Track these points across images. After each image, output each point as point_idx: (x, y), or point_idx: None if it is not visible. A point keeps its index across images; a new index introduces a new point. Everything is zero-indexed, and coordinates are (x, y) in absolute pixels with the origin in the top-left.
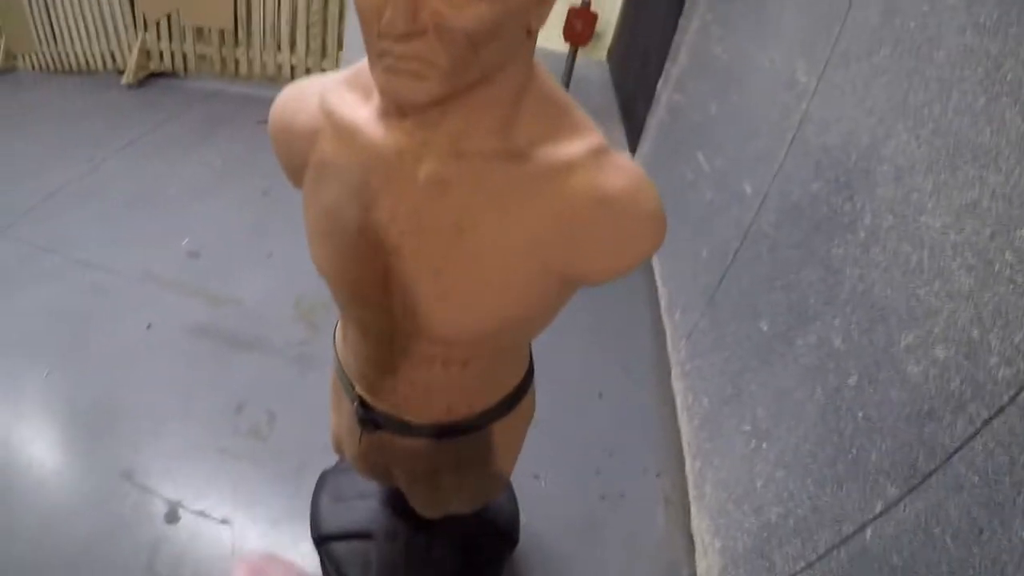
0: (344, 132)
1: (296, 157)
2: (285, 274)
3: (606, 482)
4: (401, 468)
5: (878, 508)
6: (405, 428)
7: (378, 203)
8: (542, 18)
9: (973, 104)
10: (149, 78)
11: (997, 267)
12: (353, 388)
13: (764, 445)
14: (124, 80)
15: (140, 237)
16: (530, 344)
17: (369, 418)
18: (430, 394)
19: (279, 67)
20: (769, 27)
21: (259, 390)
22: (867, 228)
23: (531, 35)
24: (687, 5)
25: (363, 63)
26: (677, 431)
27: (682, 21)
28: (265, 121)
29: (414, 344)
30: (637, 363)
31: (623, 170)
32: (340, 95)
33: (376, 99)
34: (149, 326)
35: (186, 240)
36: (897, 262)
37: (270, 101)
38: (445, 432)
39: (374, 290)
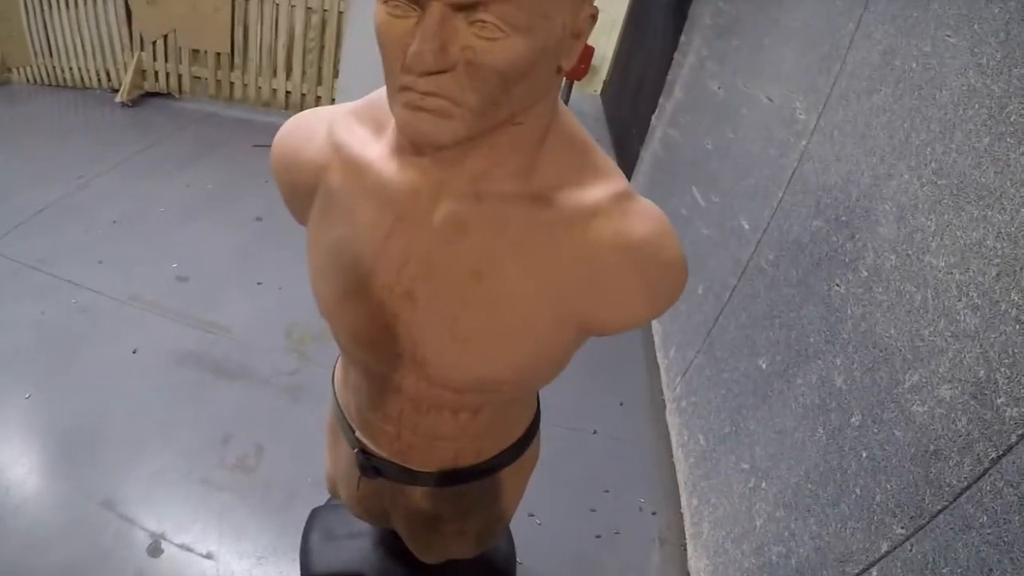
0: (354, 168)
1: (300, 191)
2: (275, 302)
3: (601, 520)
4: (401, 514)
5: (884, 548)
6: (408, 476)
7: (389, 245)
8: (573, 55)
9: (976, 144)
10: (143, 97)
11: (1003, 307)
12: (353, 432)
13: (764, 484)
14: (118, 98)
15: (128, 258)
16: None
17: (370, 465)
18: (437, 442)
19: (274, 92)
20: (767, 65)
21: (247, 420)
22: (869, 267)
23: (560, 73)
24: (682, 40)
25: (374, 95)
26: (672, 468)
27: (677, 56)
28: (262, 145)
29: (423, 392)
30: (631, 399)
31: (647, 216)
32: (350, 128)
33: (389, 134)
34: (135, 351)
35: (175, 264)
36: (901, 302)
37: (264, 125)
38: (450, 480)
39: (381, 335)
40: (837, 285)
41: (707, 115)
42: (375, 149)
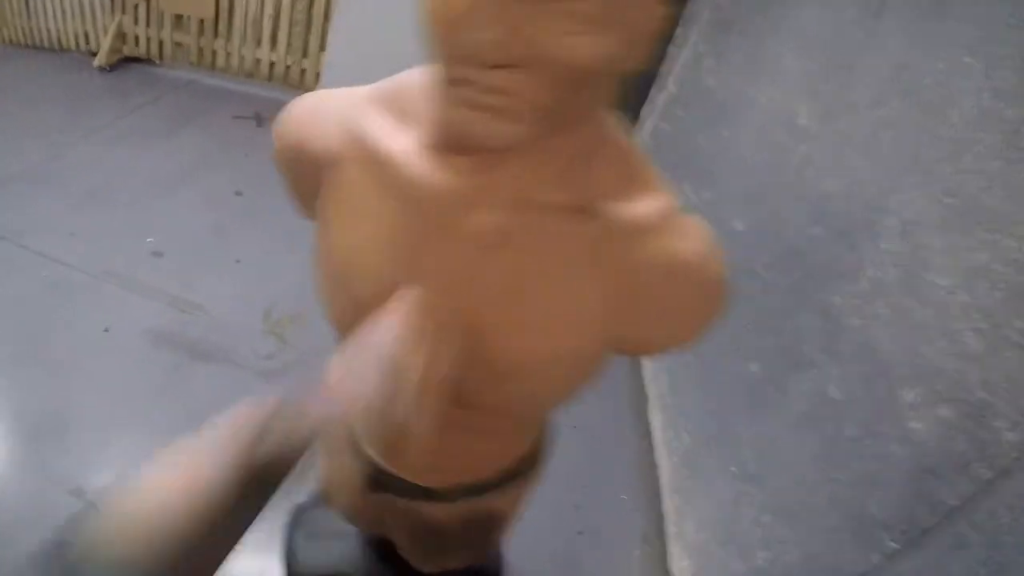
0: (377, 165)
1: (307, 183)
2: (254, 282)
3: (584, 517)
4: (404, 525)
5: (875, 560)
6: (417, 491)
7: (416, 254)
8: (642, 57)
9: (988, 168)
10: (122, 62)
11: (1007, 332)
12: (359, 446)
13: (751, 488)
14: (96, 62)
15: (102, 231)
16: None
17: (379, 480)
18: (451, 459)
19: (257, 62)
20: (768, 66)
21: (222, 405)
22: (870, 280)
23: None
24: (678, 33)
25: (395, 80)
26: (654, 466)
27: (672, 49)
28: (243, 117)
29: (445, 411)
30: (611, 394)
31: (696, 235)
32: (370, 117)
33: (418, 127)
34: (106, 329)
35: (150, 239)
36: (901, 317)
37: (246, 96)
38: (466, 495)
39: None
40: (835, 295)
41: (701, 111)
42: (402, 144)
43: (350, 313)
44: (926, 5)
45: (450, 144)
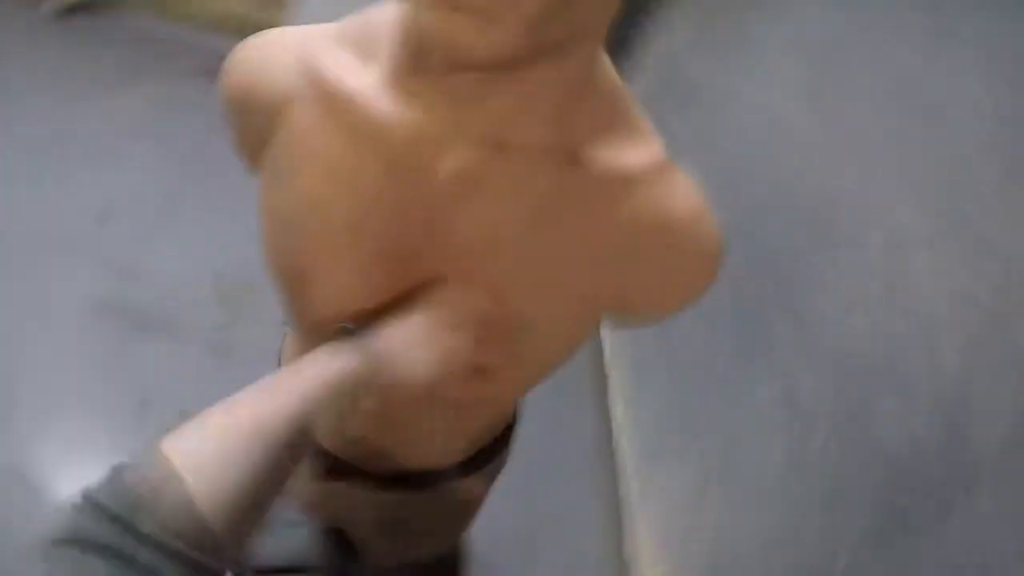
0: (333, 102)
1: (257, 130)
2: (205, 249)
3: (542, 503)
4: (366, 518)
5: (842, 564)
6: (380, 480)
7: (380, 203)
8: None
9: (988, 195)
10: (77, 8)
11: (989, 356)
12: None
13: (713, 483)
14: (47, 7)
15: (43, 192)
16: None
17: (334, 468)
18: (417, 443)
19: (224, 13)
20: (759, 60)
21: (169, 382)
22: (851, 289)
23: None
24: (660, 14)
25: (363, 15)
26: (612, 454)
27: (651, 30)
28: (204, 74)
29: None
30: (571, 376)
31: (689, 190)
32: (328, 53)
33: (384, 59)
34: (46, 297)
35: (96, 201)
36: (881, 331)
37: (209, 50)
38: (430, 483)
39: (361, 317)
40: (813, 302)
41: (678, 97)
42: (363, 79)
43: (300, 269)
44: (937, 22)
45: (424, 63)
